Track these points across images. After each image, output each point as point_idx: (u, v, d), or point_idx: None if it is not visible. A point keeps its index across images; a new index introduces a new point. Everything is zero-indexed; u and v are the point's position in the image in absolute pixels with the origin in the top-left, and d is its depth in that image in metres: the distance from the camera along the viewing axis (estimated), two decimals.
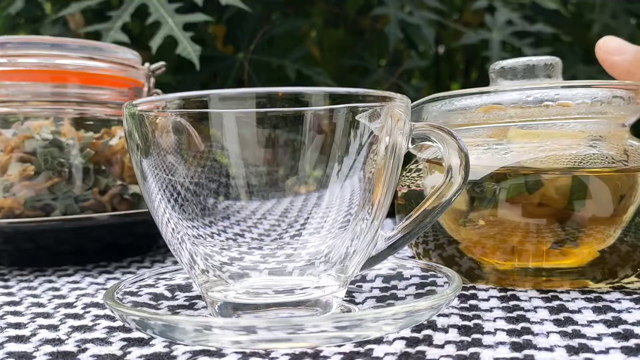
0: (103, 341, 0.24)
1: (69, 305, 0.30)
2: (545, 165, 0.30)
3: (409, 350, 0.22)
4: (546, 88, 0.31)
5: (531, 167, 0.30)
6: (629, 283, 0.31)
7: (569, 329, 0.24)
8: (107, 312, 0.29)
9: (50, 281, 0.37)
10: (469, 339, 0.23)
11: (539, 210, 0.30)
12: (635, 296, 0.29)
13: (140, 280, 0.29)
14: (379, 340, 0.23)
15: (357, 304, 0.28)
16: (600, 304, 0.28)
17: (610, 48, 0.35)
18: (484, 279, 0.32)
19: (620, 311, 0.26)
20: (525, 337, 0.23)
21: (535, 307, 0.27)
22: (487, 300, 0.29)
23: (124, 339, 0.24)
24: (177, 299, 0.29)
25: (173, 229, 0.25)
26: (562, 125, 0.32)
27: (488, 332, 0.24)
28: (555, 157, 0.30)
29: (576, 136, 0.32)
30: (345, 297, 0.28)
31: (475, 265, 0.32)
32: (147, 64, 0.47)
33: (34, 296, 0.33)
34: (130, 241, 0.44)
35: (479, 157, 0.32)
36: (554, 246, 0.30)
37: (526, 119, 0.32)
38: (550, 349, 0.22)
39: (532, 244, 0.30)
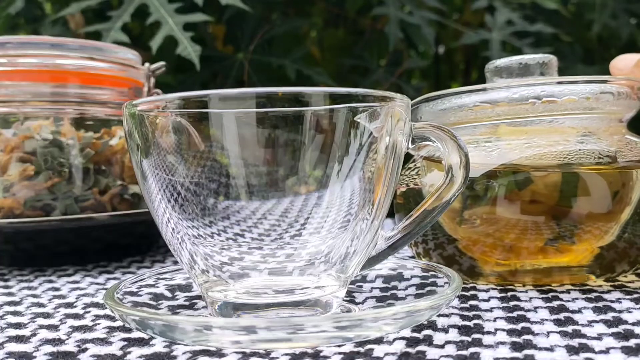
0: (103, 341, 0.24)
1: (69, 305, 0.30)
2: (532, 162, 0.30)
3: (409, 350, 0.22)
4: (533, 85, 0.31)
5: (525, 164, 0.30)
6: (629, 282, 0.31)
7: (569, 328, 0.24)
8: (107, 312, 0.29)
9: (50, 281, 0.37)
10: (469, 339, 0.23)
11: (531, 207, 0.30)
12: (635, 296, 0.29)
13: (140, 280, 0.29)
14: (379, 340, 0.23)
15: (357, 304, 0.28)
16: (600, 304, 0.28)
17: (621, 66, 0.35)
18: (484, 276, 0.32)
19: (620, 311, 0.26)
20: (526, 337, 0.23)
21: (536, 307, 0.27)
22: (488, 300, 0.29)
23: (124, 339, 0.24)
24: (177, 299, 0.29)
25: (173, 229, 0.25)
26: (551, 121, 0.32)
27: (488, 332, 0.24)
28: (542, 154, 0.30)
29: (565, 132, 0.32)
30: (345, 297, 0.28)
31: (475, 264, 0.32)
32: (147, 64, 0.47)
33: (34, 296, 0.33)
34: (130, 241, 0.44)
35: (476, 153, 0.32)
36: (549, 243, 0.30)
37: (514, 116, 0.31)
38: (550, 349, 0.22)
39: (527, 241, 0.30)
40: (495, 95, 0.32)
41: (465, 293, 0.30)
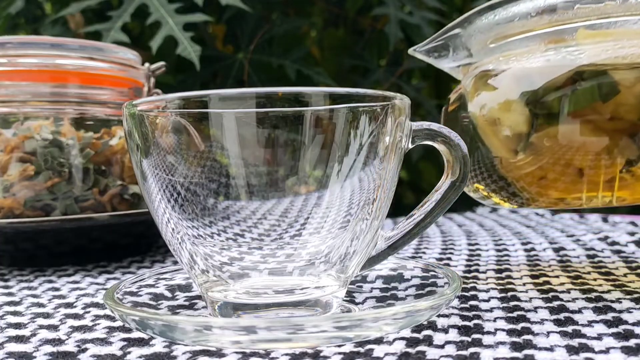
0: (103, 341, 0.24)
1: (69, 305, 0.30)
2: (631, 61, 0.26)
3: (409, 350, 0.22)
4: None
5: (620, 63, 0.26)
6: (629, 282, 0.31)
7: (569, 328, 0.24)
8: (107, 312, 0.29)
9: (50, 281, 0.37)
10: (469, 339, 0.23)
11: (610, 124, 0.26)
12: (635, 296, 0.29)
13: (140, 280, 0.29)
14: (379, 340, 0.23)
15: (357, 304, 0.28)
16: (600, 304, 0.28)
17: None
18: (541, 202, 0.29)
19: (620, 311, 0.26)
20: (526, 337, 0.23)
21: (536, 308, 0.27)
22: (488, 300, 0.29)
23: (124, 339, 0.24)
24: (177, 299, 0.29)
25: (173, 229, 0.25)
26: (637, 21, 0.28)
27: (488, 332, 0.24)
28: (638, 54, 0.26)
29: None
30: (345, 297, 0.28)
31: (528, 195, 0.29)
32: (147, 64, 0.47)
33: (34, 296, 0.33)
34: (130, 241, 0.44)
35: (549, 60, 0.28)
36: (626, 167, 0.26)
37: (598, 17, 0.28)
38: (550, 349, 0.22)
39: (601, 166, 0.26)
40: None
41: (465, 293, 0.30)
